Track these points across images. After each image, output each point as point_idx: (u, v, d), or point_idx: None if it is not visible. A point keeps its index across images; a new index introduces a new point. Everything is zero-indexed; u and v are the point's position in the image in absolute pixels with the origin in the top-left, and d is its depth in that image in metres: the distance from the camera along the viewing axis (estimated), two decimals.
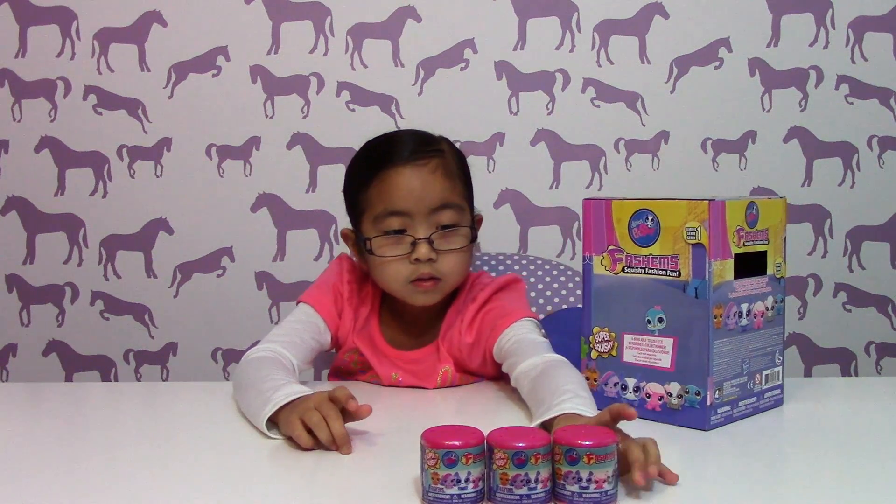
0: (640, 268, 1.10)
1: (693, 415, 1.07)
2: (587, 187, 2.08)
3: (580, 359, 1.16)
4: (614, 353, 1.14)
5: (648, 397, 1.11)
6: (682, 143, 2.08)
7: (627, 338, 1.12)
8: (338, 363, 1.40)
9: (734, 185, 2.06)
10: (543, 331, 1.28)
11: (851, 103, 2.07)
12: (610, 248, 1.13)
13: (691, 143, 2.08)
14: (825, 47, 2.06)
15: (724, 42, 2.06)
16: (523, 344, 1.20)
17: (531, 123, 2.08)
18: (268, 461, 0.97)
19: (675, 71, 2.07)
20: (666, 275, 1.08)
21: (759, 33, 2.06)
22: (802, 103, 2.07)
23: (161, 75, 2.10)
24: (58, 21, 2.10)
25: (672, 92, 2.07)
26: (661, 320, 1.09)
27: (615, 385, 1.14)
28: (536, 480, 0.80)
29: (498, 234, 2.07)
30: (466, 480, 0.80)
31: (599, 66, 2.07)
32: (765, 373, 1.14)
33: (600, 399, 1.13)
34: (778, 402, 1.17)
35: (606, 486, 0.80)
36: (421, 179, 1.26)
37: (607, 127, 2.08)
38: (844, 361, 2.12)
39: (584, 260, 1.15)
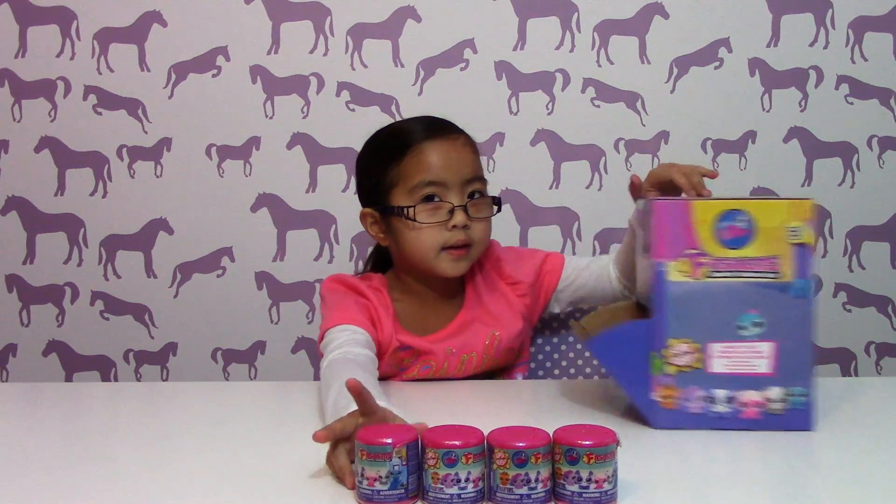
0: (730, 271, 1.05)
1: (798, 417, 1.04)
2: (587, 187, 2.08)
3: (649, 376, 1.07)
4: (698, 364, 1.06)
5: (744, 407, 1.05)
6: (682, 143, 2.08)
7: (716, 347, 1.06)
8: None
9: (734, 186, 2.06)
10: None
11: (851, 103, 2.07)
12: (688, 252, 1.06)
13: (691, 143, 2.08)
14: (825, 47, 2.06)
15: (724, 42, 2.06)
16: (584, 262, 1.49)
17: (531, 123, 2.08)
18: (267, 461, 0.97)
19: (675, 71, 2.07)
20: (763, 277, 1.05)
21: (759, 33, 2.06)
22: (802, 103, 2.07)
23: (161, 75, 2.10)
24: (58, 21, 2.10)
25: (672, 92, 2.07)
26: (756, 325, 1.05)
27: (701, 399, 1.07)
28: (536, 480, 0.80)
29: (498, 234, 2.06)
30: (466, 480, 0.80)
31: (599, 66, 2.07)
32: None
33: (684, 418, 1.06)
34: None
35: (606, 486, 0.80)
36: (456, 152, 1.34)
37: (607, 127, 2.08)
38: (844, 361, 2.12)
39: (654, 267, 1.07)
